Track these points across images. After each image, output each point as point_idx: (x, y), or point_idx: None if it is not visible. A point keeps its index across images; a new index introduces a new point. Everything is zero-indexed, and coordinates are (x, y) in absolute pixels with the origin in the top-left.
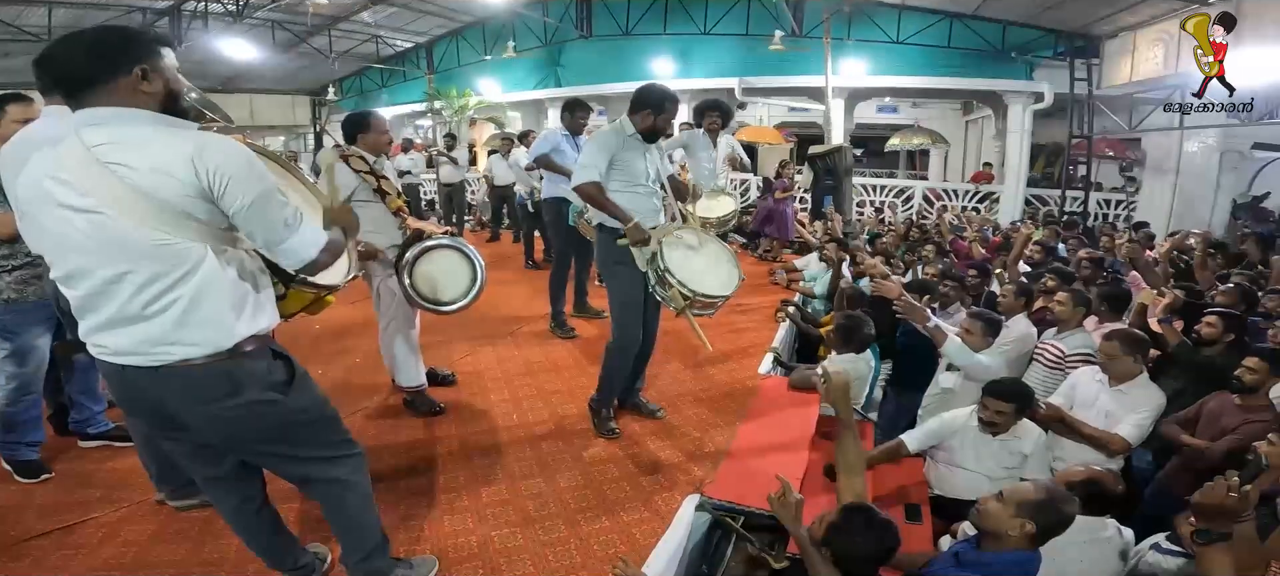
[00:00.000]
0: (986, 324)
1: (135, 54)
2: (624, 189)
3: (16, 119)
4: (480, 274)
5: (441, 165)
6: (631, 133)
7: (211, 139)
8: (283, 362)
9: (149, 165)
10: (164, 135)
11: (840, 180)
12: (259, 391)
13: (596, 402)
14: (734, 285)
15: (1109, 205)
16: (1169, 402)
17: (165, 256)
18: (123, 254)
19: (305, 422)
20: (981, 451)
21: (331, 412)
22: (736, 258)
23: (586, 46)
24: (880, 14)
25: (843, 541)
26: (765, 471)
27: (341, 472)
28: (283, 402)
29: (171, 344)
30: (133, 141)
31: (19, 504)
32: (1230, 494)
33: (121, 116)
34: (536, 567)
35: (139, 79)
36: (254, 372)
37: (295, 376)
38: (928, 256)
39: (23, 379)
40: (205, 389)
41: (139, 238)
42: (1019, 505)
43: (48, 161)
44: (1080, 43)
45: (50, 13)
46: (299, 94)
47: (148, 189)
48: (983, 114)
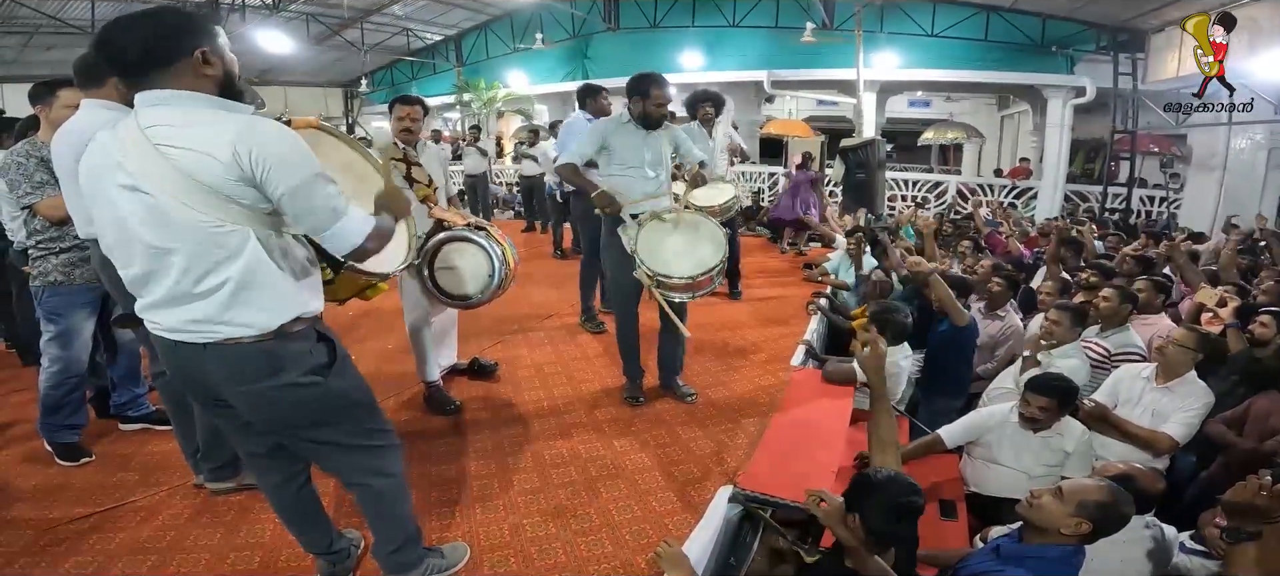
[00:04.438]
0: (1074, 315)
1: (195, 36)
2: (619, 172)
3: (68, 104)
4: (500, 269)
5: (466, 155)
6: (628, 120)
7: (258, 123)
8: (326, 345)
9: (195, 147)
10: (215, 117)
11: (872, 174)
12: (299, 373)
13: (624, 372)
14: (707, 267)
15: (1152, 203)
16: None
17: (210, 239)
18: (170, 235)
19: (344, 407)
20: (1021, 448)
21: (371, 399)
22: (723, 241)
23: (614, 39)
24: (914, 7)
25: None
26: (798, 464)
27: (378, 462)
28: (323, 385)
29: (219, 324)
30: (183, 123)
31: (59, 486)
32: (1261, 493)
33: (180, 98)
34: (568, 556)
35: (200, 62)
36: (297, 354)
37: (337, 359)
38: (963, 252)
39: (66, 361)
40: (248, 367)
41: (185, 219)
42: (1080, 504)
43: (109, 143)
44: (1124, 36)
45: (93, 6)
46: (331, 87)
47: (192, 171)
48: (1019, 108)
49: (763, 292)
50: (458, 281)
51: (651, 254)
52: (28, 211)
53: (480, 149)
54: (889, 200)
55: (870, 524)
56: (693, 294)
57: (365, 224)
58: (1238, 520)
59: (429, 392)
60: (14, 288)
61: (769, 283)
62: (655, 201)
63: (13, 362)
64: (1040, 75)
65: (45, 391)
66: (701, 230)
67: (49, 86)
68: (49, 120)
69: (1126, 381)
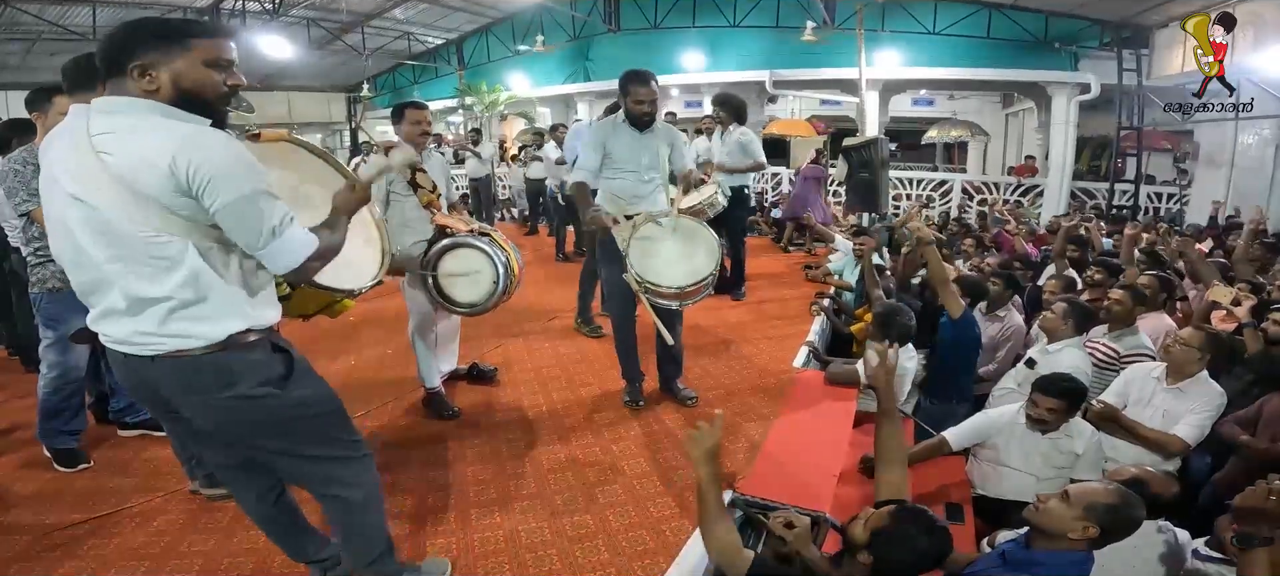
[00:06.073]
0: (1078, 314)
1: (132, 52)
2: (614, 175)
3: (63, 110)
4: (504, 275)
5: (467, 159)
6: (622, 121)
7: (201, 135)
8: (282, 356)
9: (133, 156)
10: (160, 126)
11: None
12: (253, 384)
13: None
14: (699, 277)
15: (1160, 199)
16: (1229, 402)
17: (150, 249)
18: (112, 245)
19: (306, 417)
20: (1029, 450)
21: (337, 408)
22: (718, 251)
23: (615, 40)
24: (916, 5)
25: (891, 547)
26: (800, 468)
27: (344, 472)
28: (280, 396)
29: (164, 336)
30: (128, 130)
31: (57, 491)
32: (1271, 497)
33: (132, 106)
34: (563, 563)
35: (138, 76)
36: (250, 365)
37: (294, 370)
38: (967, 250)
39: (65, 367)
40: (197, 379)
41: (125, 230)
42: (1088, 508)
43: (58, 149)
44: (1128, 33)
45: (94, 12)
46: (334, 91)
47: (129, 180)
48: (1024, 106)
49: (765, 293)
50: (462, 289)
51: (642, 259)
52: (26, 219)
53: (477, 153)
54: (894, 199)
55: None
56: (681, 303)
57: (305, 244)
58: (1249, 525)
59: (429, 398)
60: (14, 293)
61: (771, 283)
62: (648, 203)
63: (14, 368)
64: (1044, 72)
65: (44, 397)
66: (698, 238)
67: (46, 93)
68: (46, 127)
69: (1137, 381)
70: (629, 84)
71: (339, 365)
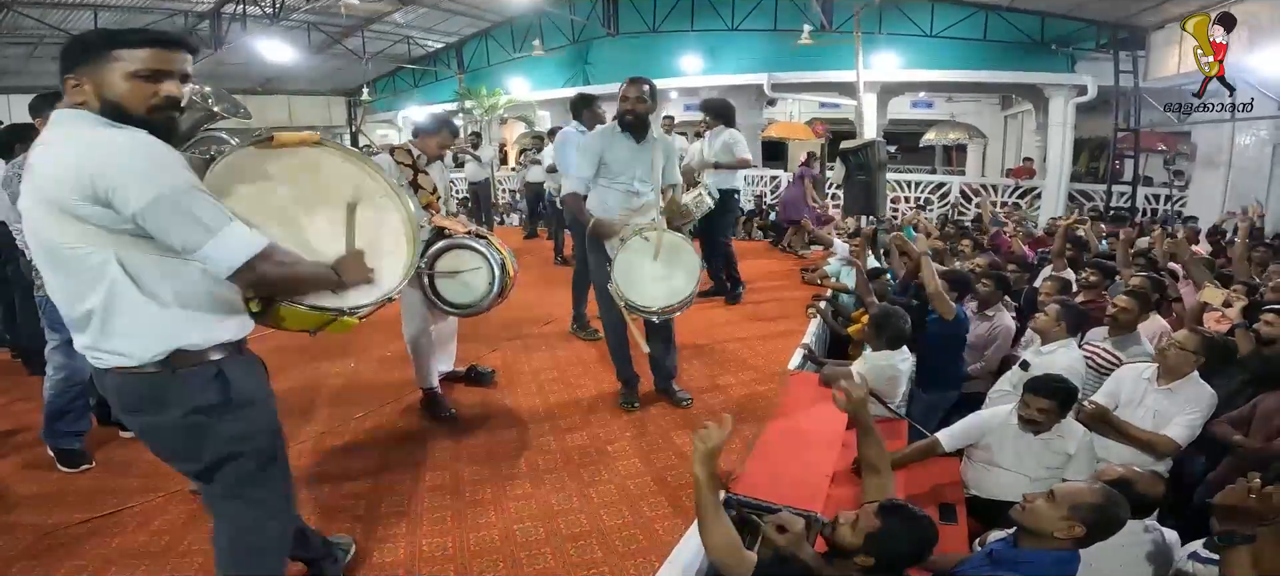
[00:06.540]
0: (1071, 316)
1: (68, 65)
2: (607, 186)
3: None
4: (499, 276)
5: (466, 163)
6: (619, 129)
7: (111, 138)
8: (220, 383)
9: (47, 168)
10: (78, 134)
11: (873, 175)
12: (182, 411)
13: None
14: (679, 298)
15: (1157, 200)
16: (1221, 403)
17: (72, 261)
18: (48, 256)
19: (230, 455)
20: (1022, 450)
21: (272, 455)
22: (698, 272)
23: (614, 44)
24: (912, 7)
25: (884, 545)
26: (794, 468)
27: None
28: (207, 426)
29: (101, 351)
30: (60, 141)
31: (59, 491)
32: (1251, 495)
33: (68, 118)
34: (557, 562)
35: (71, 88)
36: (183, 390)
37: (232, 402)
38: (965, 251)
39: (71, 369)
40: (132, 397)
41: (53, 242)
42: (1073, 507)
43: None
44: (1124, 34)
45: (96, 17)
46: (335, 95)
47: (45, 192)
48: (1022, 108)
49: (761, 295)
50: (457, 289)
51: (626, 275)
52: None
53: (476, 157)
54: (892, 202)
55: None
56: (659, 318)
57: (251, 244)
58: (1230, 522)
59: (427, 399)
60: (18, 297)
61: (768, 285)
62: (640, 216)
63: (17, 371)
64: (1041, 74)
65: (50, 398)
66: (679, 259)
67: (48, 99)
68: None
69: (1129, 382)
70: (621, 88)
71: (339, 366)
